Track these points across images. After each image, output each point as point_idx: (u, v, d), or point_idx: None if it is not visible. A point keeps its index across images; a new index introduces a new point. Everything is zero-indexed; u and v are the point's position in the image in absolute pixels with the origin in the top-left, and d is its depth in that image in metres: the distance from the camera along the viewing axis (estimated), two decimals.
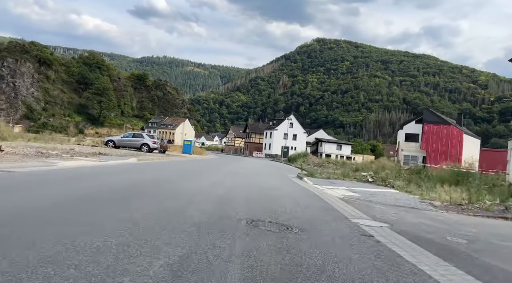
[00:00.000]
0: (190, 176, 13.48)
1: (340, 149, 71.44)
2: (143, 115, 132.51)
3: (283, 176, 19.11)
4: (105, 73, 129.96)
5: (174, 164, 19.87)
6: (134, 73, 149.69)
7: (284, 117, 70.71)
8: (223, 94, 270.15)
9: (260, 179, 15.42)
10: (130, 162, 16.98)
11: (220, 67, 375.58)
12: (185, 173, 14.70)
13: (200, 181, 11.58)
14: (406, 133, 49.75)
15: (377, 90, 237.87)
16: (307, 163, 47.58)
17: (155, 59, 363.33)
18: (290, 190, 11.78)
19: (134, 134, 30.26)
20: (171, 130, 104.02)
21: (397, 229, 5.77)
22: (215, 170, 18.55)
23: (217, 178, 13.83)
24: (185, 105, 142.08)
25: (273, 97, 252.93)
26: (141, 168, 14.66)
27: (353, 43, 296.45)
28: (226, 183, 12.07)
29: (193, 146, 47.30)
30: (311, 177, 17.26)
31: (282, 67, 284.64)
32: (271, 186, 12.46)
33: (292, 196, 10.01)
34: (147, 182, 9.88)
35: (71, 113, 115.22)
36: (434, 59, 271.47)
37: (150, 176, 11.88)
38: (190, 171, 16.43)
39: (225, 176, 15.39)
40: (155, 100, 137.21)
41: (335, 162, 43.31)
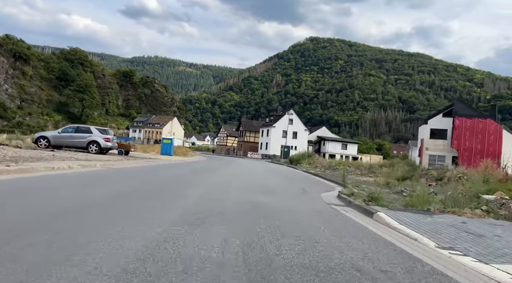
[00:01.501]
0: (114, 211, 4.12)
1: (345, 149, 62.55)
2: (130, 114, 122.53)
3: (311, 199, 9.74)
4: (88, 69, 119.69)
5: (112, 176, 10.54)
6: (120, 70, 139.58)
7: (283, 112, 61.65)
8: (216, 94, 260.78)
9: (283, 221, 5.90)
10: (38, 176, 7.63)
11: (213, 67, 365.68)
12: (107, 202, 5.27)
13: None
14: (431, 128, 40.81)
15: (372, 88, 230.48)
16: (314, 165, 38.37)
17: (146, 59, 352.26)
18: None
19: (78, 128, 20.74)
20: (158, 129, 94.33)
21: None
22: (185, 187, 9.22)
23: (175, 216, 4.52)
24: (175, 104, 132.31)
25: (266, 96, 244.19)
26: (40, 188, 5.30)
27: (347, 42, 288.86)
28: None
29: (174, 146, 37.89)
30: (384, 208, 7.95)
31: (275, 66, 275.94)
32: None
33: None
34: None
35: (50, 111, 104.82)
36: (429, 58, 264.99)
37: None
38: (128, 193, 7.06)
39: (199, 204, 6.10)
40: (142, 98, 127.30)
41: (349, 164, 34.17)
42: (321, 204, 8.35)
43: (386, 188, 16.45)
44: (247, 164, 32.60)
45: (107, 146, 20.19)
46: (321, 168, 34.35)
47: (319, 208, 7.58)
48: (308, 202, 8.56)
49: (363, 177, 23.58)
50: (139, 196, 7.04)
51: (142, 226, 4.23)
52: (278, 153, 57.01)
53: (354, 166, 33.63)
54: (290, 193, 10.54)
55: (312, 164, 39.47)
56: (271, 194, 9.43)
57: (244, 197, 8.13)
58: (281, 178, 17.49)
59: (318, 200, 9.28)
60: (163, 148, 36.33)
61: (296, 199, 9.03)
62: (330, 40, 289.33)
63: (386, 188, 16.41)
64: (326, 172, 30.54)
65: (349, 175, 23.85)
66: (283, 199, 8.68)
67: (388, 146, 79.16)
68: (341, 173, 18.79)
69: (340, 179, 19.57)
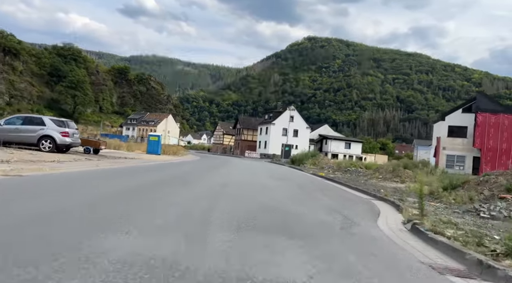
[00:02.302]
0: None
1: (349, 148, 57.90)
2: (124, 111, 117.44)
3: (379, 249, 4.84)
4: (81, 65, 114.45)
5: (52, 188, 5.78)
6: (115, 66, 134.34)
7: (283, 109, 56.94)
8: (213, 93, 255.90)
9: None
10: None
11: (210, 66, 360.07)
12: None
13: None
14: (449, 125, 36.17)
15: (370, 88, 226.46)
16: (320, 166, 33.66)
17: (144, 57, 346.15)
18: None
19: (26, 118, 15.88)
20: (153, 127, 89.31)
21: None
22: (152, 209, 4.44)
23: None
24: (171, 101, 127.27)
25: (264, 95, 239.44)
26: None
27: (344, 42, 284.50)
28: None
29: (163, 144, 33.14)
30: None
31: (273, 65, 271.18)
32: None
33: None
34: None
35: (41, 108, 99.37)
36: (426, 58, 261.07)
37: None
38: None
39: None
40: (137, 95, 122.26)
41: (360, 165, 29.50)
42: (420, 272, 3.56)
43: (436, 200, 11.78)
44: (244, 165, 27.82)
45: (65, 142, 15.37)
46: (329, 170, 29.70)
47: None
48: (386, 264, 3.77)
49: (387, 182, 18.90)
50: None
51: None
52: (278, 152, 52.34)
53: (368, 167, 29.01)
54: (327, 227, 5.70)
55: (317, 165, 34.81)
56: (292, 235, 4.61)
57: (236, 257, 3.32)
58: (293, 188, 12.71)
59: (393, 249, 4.49)
60: (149, 146, 31.55)
61: (358, 256, 4.16)
62: (328, 39, 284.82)
63: (437, 200, 11.74)
64: (336, 174, 25.87)
65: (368, 180, 19.18)
66: (330, 260, 3.83)
67: (391, 145, 74.57)
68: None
69: (362, 185, 14.88)
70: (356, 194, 11.91)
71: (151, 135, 31.79)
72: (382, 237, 5.10)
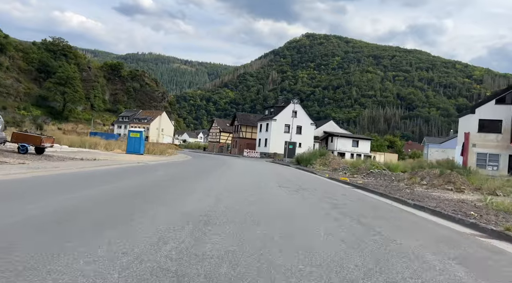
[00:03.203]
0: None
1: (356, 146, 52.73)
2: (117, 109, 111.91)
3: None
4: (72, 61, 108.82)
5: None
6: (108, 62, 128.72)
7: (285, 103, 51.66)
8: (210, 91, 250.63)
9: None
10: None
11: (208, 64, 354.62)
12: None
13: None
14: (480, 119, 31.05)
15: (370, 85, 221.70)
16: (332, 167, 28.44)
17: (140, 56, 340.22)
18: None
19: None
20: (145, 124, 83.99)
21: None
22: None
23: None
24: (166, 98, 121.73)
25: (262, 93, 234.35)
26: None
27: (343, 39, 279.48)
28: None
29: (149, 142, 27.92)
30: None
31: (271, 62, 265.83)
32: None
33: None
34: None
35: (28, 106, 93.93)
36: (426, 55, 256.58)
37: None
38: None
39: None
40: (131, 92, 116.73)
41: (383, 165, 24.33)
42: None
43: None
44: (243, 168, 22.57)
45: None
46: (344, 171, 24.55)
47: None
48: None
49: (439, 191, 13.72)
50: None
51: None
52: (280, 151, 47.18)
53: (391, 169, 23.91)
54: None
55: (328, 165, 29.64)
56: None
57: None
58: (336, 214, 7.42)
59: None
60: (129, 145, 26.30)
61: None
62: (326, 36, 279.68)
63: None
64: (356, 177, 20.71)
65: (410, 189, 13.99)
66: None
67: (400, 143, 69.35)
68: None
69: (422, 200, 9.67)
70: (442, 224, 6.66)
71: (131, 131, 26.50)
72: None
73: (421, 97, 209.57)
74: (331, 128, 56.24)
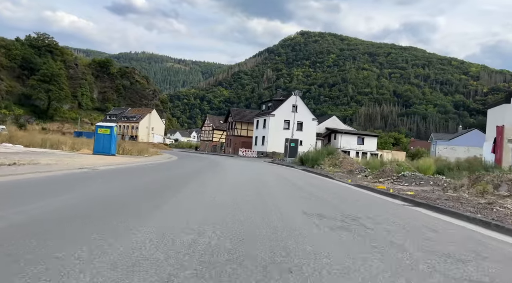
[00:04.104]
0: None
1: (362, 143, 47.88)
2: (106, 107, 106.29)
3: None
4: (58, 58, 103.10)
5: None
6: (96, 59, 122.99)
7: (284, 97, 46.64)
8: (205, 89, 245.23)
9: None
10: None
11: (202, 63, 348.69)
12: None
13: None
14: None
15: (366, 82, 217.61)
16: (346, 169, 23.52)
17: (133, 55, 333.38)
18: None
19: None
20: (134, 123, 78.62)
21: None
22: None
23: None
24: (157, 96, 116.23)
25: (257, 91, 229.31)
26: None
27: (338, 36, 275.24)
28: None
29: (116, 138, 22.73)
30: None
31: (265, 61, 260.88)
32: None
33: None
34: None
35: (10, 104, 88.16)
36: (422, 51, 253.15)
37: None
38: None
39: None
40: (120, 90, 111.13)
41: (409, 165, 19.43)
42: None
43: None
44: (238, 170, 17.51)
45: None
46: (363, 173, 19.63)
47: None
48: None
49: None
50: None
51: None
52: (279, 149, 42.23)
53: (421, 170, 19.05)
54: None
55: (340, 166, 24.67)
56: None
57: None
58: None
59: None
60: (97, 143, 21.14)
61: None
62: (321, 34, 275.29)
63: None
64: (385, 182, 15.81)
65: (491, 205, 8.93)
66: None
67: (405, 140, 64.52)
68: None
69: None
70: None
71: (99, 126, 21.30)
72: None
73: (418, 94, 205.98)
74: (334, 124, 51.25)
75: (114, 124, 22.02)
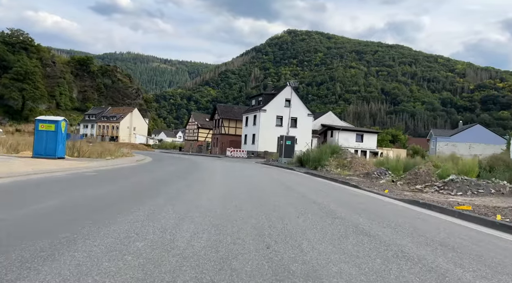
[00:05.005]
0: None
1: (361, 141, 43.38)
2: (86, 107, 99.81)
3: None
4: (34, 55, 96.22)
5: None
6: (75, 57, 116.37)
7: (276, 90, 41.74)
8: (191, 89, 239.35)
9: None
10: None
11: (188, 63, 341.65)
12: None
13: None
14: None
15: (354, 81, 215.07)
16: (358, 171, 18.83)
17: (118, 55, 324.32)
18: None
19: None
20: (115, 123, 72.76)
21: None
22: None
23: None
24: (141, 95, 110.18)
25: (245, 91, 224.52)
26: None
27: (325, 35, 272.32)
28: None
29: (65, 137, 17.36)
30: None
31: (253, 59, 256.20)
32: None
33: None
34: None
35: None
36: (408, 49, 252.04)
37: None
38: None
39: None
40: (101, 89, 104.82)
41: (459, 171, 14.66)
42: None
43: None
44: (225, 181, 12.49)
45: None
46: (384, 177, 14.98)
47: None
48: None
49: None
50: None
51: None
52: (271, 148, 37.41)
53: (464, 171, 14.43)
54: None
55: (349, 167, 19.94)
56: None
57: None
58: None
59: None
60: (37, 143, 15.92)
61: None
62: (308, 32, 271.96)
63: None
64: (419, 189, 11.17)
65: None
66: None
67: (404, 137, 60.23)
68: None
69: None
70: None
71: (39, 120, 16.01)
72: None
73: (406, 91, 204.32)
74: (330, 121, 46.59)
75: (61, 118, 16.73)
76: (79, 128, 79.83)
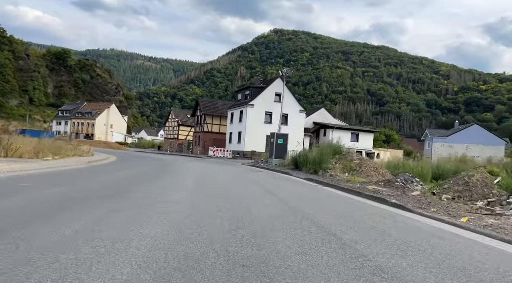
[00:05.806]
0: None
1: (356, 140, 39.58)
2: (62, 103, 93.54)
3: None
4: (6, 47, 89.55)
5: None
6: (51, 50, 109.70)
7: (264, 84, 37.60)
8: (176, 87, 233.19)
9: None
10: None
11: (173, 61, 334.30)
12: None
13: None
14: None
15: (340, 81, 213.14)
16: (370, 178, 14.64)
17: (101, 52, 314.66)
18: None
19: None
20: (90, 119, 67.24)
21: None
22: None
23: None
24: (121, 91, 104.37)
25: (230, 89, 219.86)
26: None
27: (312, 35, 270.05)
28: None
29: None
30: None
31: (239, 58, 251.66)
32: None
33: None
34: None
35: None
36: (394, 50, 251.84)
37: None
38: None
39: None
40: (79, 84, 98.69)
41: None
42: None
43: None
44: (197, 195, 8.03)
45: None
46: (416, 187, 10.88)
47: None
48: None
49: None
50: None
51: None
52: (259, 148, 33.20)
53: None
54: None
55: (359, 172, 15.68)
56: None
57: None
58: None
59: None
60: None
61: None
62: (295, 32, 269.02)
63: None
64: (481, 210, 7.01)
65: None
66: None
67: (398, 137, 56.89)
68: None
69: None
70: None
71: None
72: None
73: (391, 92, 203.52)
74: (323, 118, 42.61)
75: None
76: (52, 125, 73.90)
